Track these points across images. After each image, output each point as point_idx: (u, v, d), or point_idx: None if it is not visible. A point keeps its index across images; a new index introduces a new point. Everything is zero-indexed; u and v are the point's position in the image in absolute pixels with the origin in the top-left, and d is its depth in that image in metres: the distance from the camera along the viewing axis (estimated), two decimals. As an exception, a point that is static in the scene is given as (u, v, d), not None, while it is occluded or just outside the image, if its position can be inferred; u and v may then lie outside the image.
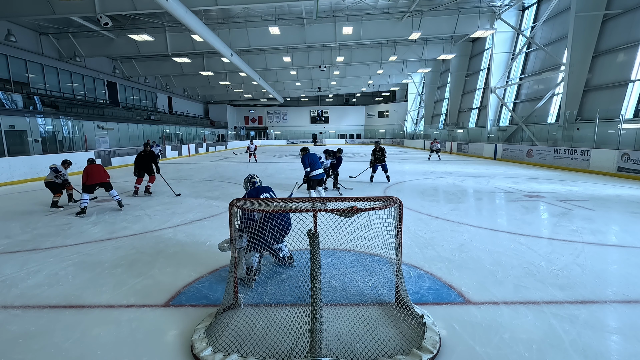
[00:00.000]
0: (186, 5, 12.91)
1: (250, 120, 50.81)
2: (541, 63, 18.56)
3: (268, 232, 3.06)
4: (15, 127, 14.42)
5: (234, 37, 18.85)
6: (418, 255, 4.20)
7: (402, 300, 2.82)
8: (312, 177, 7.26)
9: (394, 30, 18.91)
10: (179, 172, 14.11)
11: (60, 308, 3.04)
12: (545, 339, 2.51)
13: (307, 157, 7.28)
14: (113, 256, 4.29)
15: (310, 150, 7.58)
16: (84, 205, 6.52)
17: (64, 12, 13.65)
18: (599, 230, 5.23)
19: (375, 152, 10.23)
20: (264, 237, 3.04)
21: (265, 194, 3.88)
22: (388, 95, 48.94)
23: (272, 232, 3.13)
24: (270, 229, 3.09)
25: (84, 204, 6.53)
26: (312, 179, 7.28)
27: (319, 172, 7.31)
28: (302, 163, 7.33)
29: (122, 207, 7.00)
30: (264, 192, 3.90)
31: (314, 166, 7.25)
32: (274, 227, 3.17)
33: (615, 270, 3.76)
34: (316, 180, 7.33)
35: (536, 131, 18.03)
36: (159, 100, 32.62)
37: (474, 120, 25.98)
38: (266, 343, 2.46)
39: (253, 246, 3.24)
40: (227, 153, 29.06)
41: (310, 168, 7.22)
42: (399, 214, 2.83)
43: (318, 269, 2.33)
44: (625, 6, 13.24)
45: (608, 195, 8.09)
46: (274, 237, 3.23)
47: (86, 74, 22.70)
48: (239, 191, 9.14)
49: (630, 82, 13.13)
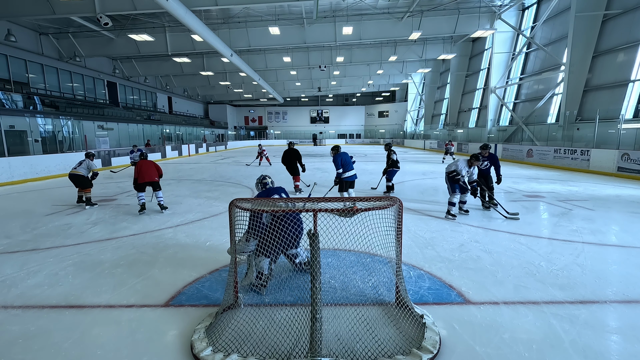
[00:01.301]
0: (186, 5, 12.91)
1: (250, 120, 50.83)
2: (541, 63, 18.56)
3: (277, 236, 2.99)
4: (15, 127, 14.44)
5: (234, 37, 18.85)
6: (418, 255, 4.20)
7: (402, 300, 2.82)
8: (345, 179, 6.77)
9: (394, 30, 18.91)
10: (178, 172, 14.11)
11: (60, 308, 3.04)
12: (545, 339, 2.51)
13: (339, 156, 6.75)
14: (113, 256, 4.29)
15: (341, 150, 7.06)
16: (142, 201, 6.52)
17: (64, 12, 13.65)
18: (599, 230, 5.23)
19: (392, 155, 8.38)
20: (273, 241, 2.96)
21: (276, 196, 3.66)
22: (388, 95, 48.95)
23: (282, 236, 3.07)
24: (279, 233, 3.01)
25: (141, 200, 6.51)
26: (344, 181, 6.79)
27: (351, 173, 6.79)
28: (334, 163, 6.80)
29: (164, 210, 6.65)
30: (275, 194, 3.69)
31: (346, 167, 6.72)
32: (284, 232, 3.09)
33: (615, 270, 3.76)
34: (349, 182, 6.81)
35: (536, 131, 18.03)
36: (159, 100, 32.63)
37: (474, 120, 25.99)
38: (266, 343, 2.46)
39: (262, 251, 3.14)
40: (227, 153, 29.05)
41: (342, 169, 6.69)
42: (399, 214, 2.83)
43: (318, 269, 2.33)
44: (625, 6, 13.24)
45: (608, 195, 8.09)
46: (284, 241, 3.17)
47: (86, 74, 22.70)
48: (239, 191, 9.14)
49: (630, 82, 13.14)
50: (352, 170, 6.87)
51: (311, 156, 22.44)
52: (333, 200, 2.67)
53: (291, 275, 3.63)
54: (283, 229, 3.08)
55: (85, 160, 7.35)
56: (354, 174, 6.90)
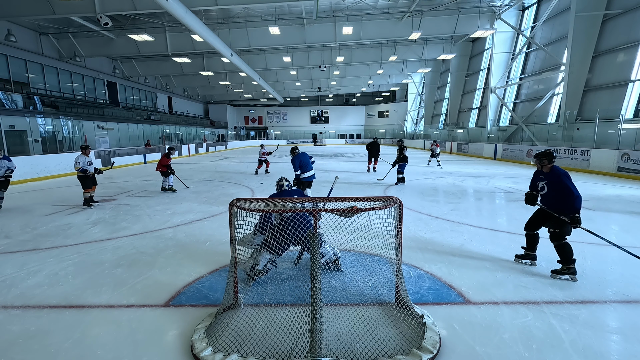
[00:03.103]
0: (186, 5, 12.91)
1: (250, 120, 50.82)
2: (541, 63, 18.56)
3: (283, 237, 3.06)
4: (15, 127, 14.44)
5: (234, 37, 18.85)
6: (418, 255, 4.20)
7: (402, 300, 2.82)
8: (303, 179, 6.97)
9: (394, 30, 18.91)
10: (178, 172, 14.05)
11: (60, 308, 3.04)
12: (545, 339, 2.51)
13: (297, 158, 6.94)
14: (113, 256, 4.29)
15: (300, 150, 7.24)
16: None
17: (64, 12, 13.64)
18: (599, 230, 5.21)
19: (403, 151, 9.80)
20: (278, 241, 3.05)
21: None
22: (388, 95, 48.95)
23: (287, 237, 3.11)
24: (285, 234, 3.07)
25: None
26: (302, 181, 6.99)
27: (310, 173, 7.03)
28: (293, 164, 7.00)
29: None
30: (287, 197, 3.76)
31: (305, 167, 6.95)
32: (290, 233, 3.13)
33: (615, 270, 3.76)
34: (307, 182, 7.03)
35: (536, 131, 18.02)
36: (159, 100, 32.62)
37: (474, 120, 25.99)
38: (266, 343, 2.46)
39: (265, 247, 3.26)
40: (227, 153, 29.04)
41: (301, 170, 6.92)
42: (399, 214, 2.83)
43: (318, 269, 2.33)
44: (625, 6, 13.24)
45: (608, 195, 8.09)
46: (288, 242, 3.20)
47: (86, 74, 22.70)
48: (239, 191, 9.14)
49: (630, 82, 13.13)
50: (310, 170, 7.08)
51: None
52: (333, 201, 2.67)
53: (291, 275, 3.63)
54: (289, 231, 3.12)
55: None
56: (312, 175, 7.14)
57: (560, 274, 3.54)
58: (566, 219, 3.47)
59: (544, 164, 3.73)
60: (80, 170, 7.11)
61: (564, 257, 3.52)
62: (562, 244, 3.53)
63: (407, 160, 9.86)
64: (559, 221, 3.53)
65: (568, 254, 3.50)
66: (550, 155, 3.68)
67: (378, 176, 11.44)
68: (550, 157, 3.68)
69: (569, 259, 3.50)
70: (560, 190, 3.52)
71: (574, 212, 3.43)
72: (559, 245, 3.55)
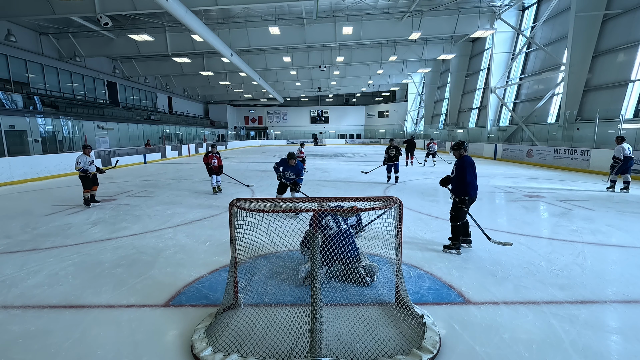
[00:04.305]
0: (186, 5, 12.91)
1: (250, 120, 50.82)
2: (541, 63, 18.56)
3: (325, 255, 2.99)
4: (15, 127, 14.44)
5: (234, 37, 18.85)
6: (418, 255, 4.20)
7: (402, 300, 2.82)
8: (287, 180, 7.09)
9: (394, 30, 18.91)
10: (179, 172, 14.12)
11: (60, 308, 3.04)
12: (545, 339, 2.51)
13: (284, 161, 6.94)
14: (113, 256, 4.29)
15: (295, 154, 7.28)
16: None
17: (64, 12, 13.65)
18: (599, 230, 5.23)
19: (390, 151, 9.96)
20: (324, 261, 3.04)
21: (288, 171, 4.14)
22: (388, 95, 48.93)
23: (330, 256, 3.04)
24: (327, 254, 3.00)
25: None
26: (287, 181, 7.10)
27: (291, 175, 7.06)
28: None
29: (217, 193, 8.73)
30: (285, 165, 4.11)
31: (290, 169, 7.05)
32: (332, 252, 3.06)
33: (615, 270, 3.76)
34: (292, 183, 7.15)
35: (536, 131, 18.02)
36: (159, 100, 32.62)
37: (474, 120, 25.98)
38: (266, 343, 2.46)
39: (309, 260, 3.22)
40: (227, 153, 29.02)
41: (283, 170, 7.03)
42: (399, 214, 2.83)
43: (318, 269, 2.33)
44: (625, 6, 13.23)
45: (608, 196, 8.09)
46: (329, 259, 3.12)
47: (86, 74, 22.70)
48: (239, 191, 9.14)
49: (630, 82, 13.13)
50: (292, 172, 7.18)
51: (311, 156, 22.46)
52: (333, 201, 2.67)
53: (291, 276, 3.63)
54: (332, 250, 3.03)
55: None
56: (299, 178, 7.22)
57: (448, 248, 4.32)
58: (456, 199, 4.23)
59: (456, 152, 4.42)
60: (81, 171, 7.12)
61: (454, 235, 4.32)
62: (456, 225, 4.27)
63: (396, 159, 10.04)
64: (456, 206, 4.26)
65: (457, 233, 4.29)
66: (459, 145, 4.38)
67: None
68: (459, 147, 4.38)
69: (456, 237, 4.30)
70: (460, 174, 4.20)
71: (461, 195, 4.19)
72: (453, 226, 4.32)
